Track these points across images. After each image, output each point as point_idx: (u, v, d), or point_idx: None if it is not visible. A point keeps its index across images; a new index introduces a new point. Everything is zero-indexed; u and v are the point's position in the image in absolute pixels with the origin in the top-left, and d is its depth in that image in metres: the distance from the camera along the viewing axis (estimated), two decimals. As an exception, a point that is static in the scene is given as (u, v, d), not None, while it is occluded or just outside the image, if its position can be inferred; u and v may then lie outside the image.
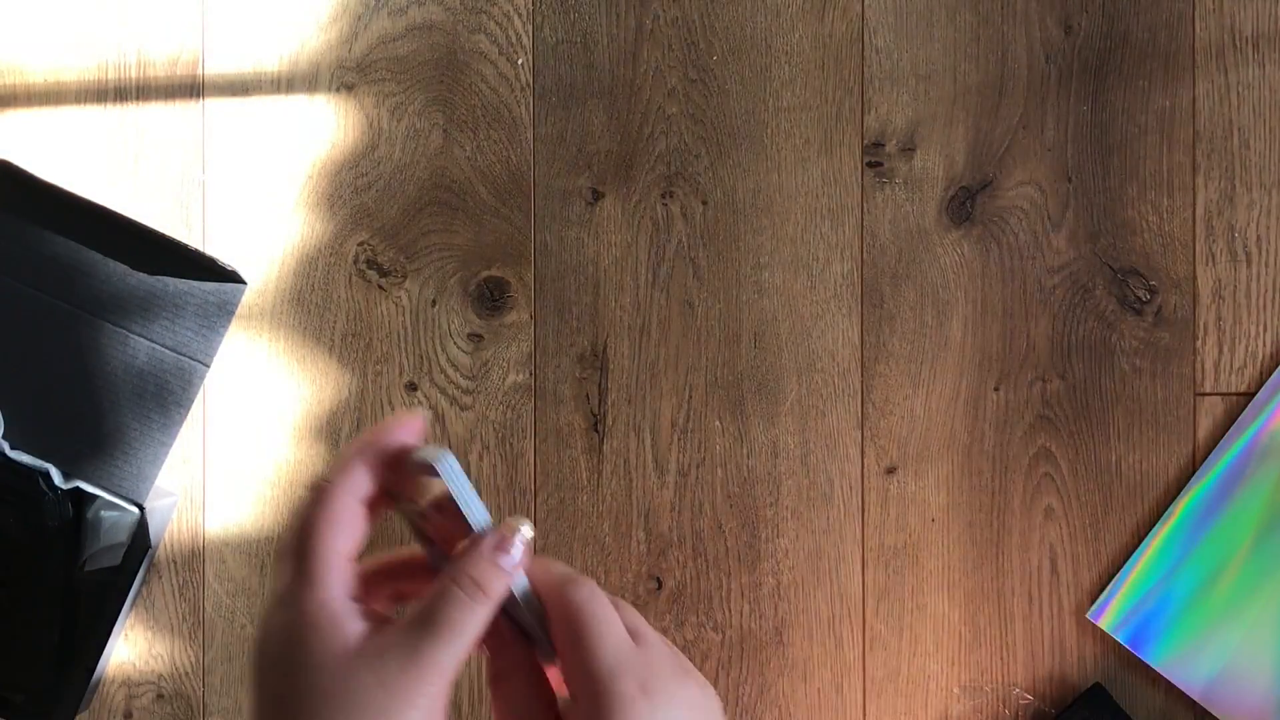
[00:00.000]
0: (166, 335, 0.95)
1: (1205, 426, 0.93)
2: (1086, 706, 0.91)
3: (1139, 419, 0.94)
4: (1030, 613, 0.94)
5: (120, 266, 0.95)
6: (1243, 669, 0.91)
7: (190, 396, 0.95)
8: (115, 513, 0.93)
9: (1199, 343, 0.94)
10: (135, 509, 0.92)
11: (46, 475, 0.91)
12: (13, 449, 0.91)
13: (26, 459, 0.90)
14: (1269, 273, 0.93)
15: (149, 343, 0.95)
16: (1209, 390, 0.93)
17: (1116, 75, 0.95)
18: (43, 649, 0.92)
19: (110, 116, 0.98)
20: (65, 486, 0.91)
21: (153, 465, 0.94)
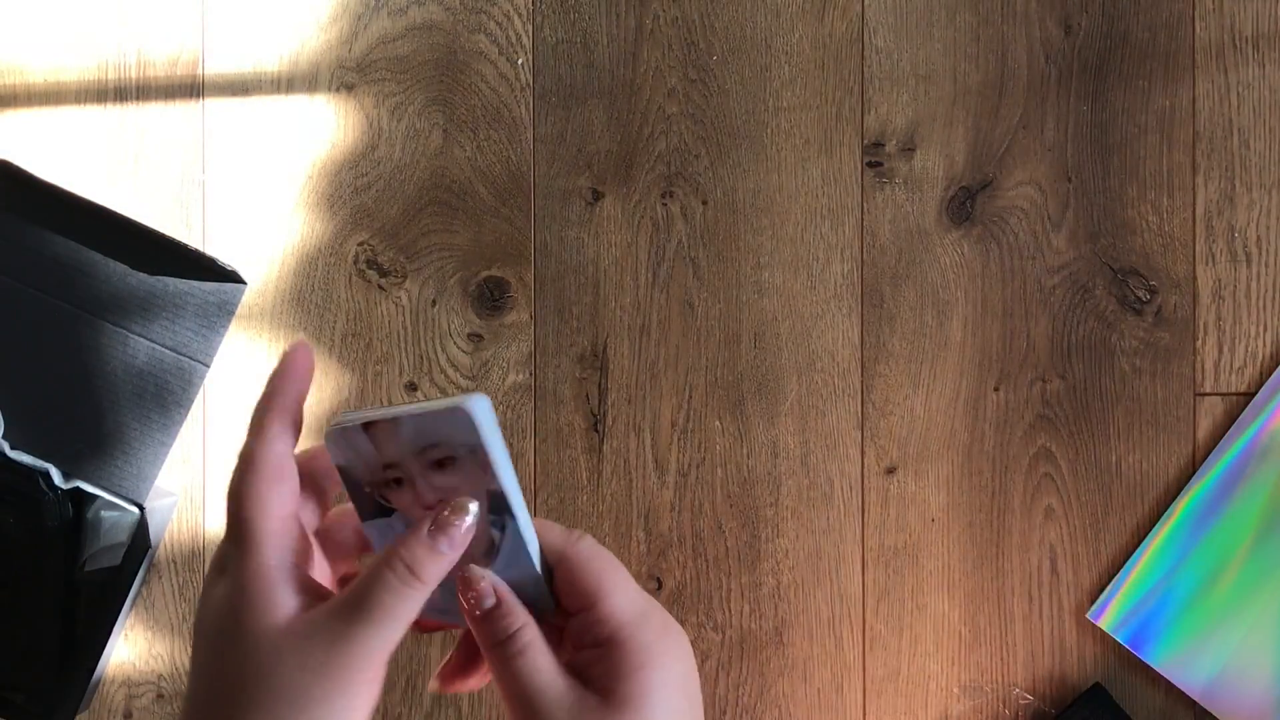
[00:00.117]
0: (166, 335, 0.95)
1: (1205, 426, 0.93)
2: (1086, 706, 0.91)
3: (1139, 419, 0.94)
4: (1030, 613, 0.94)
5: (120, 266, 0.95)
6: (1243, 669, 0.91)
7: (190, 396, 0.95)
8: (115, 513, 0.93)
9: (1199, 343, 0.94)
10: (135, 509, 0.92)
11: (46, 475, 0.91)
12: (13, 449, 0.91)
13: (26, 459, 0.90)
14: (1269, 273, 0.93)
15: (149, 343, 0.95)
16: (1209, 390, 0.93)
17: (1116, 75, 0.95)
18: (43, 649, 0.92)
19: (110, 116, 0.98)
20: (65, 486, 0.91)
21: (153, 465, 0.94)
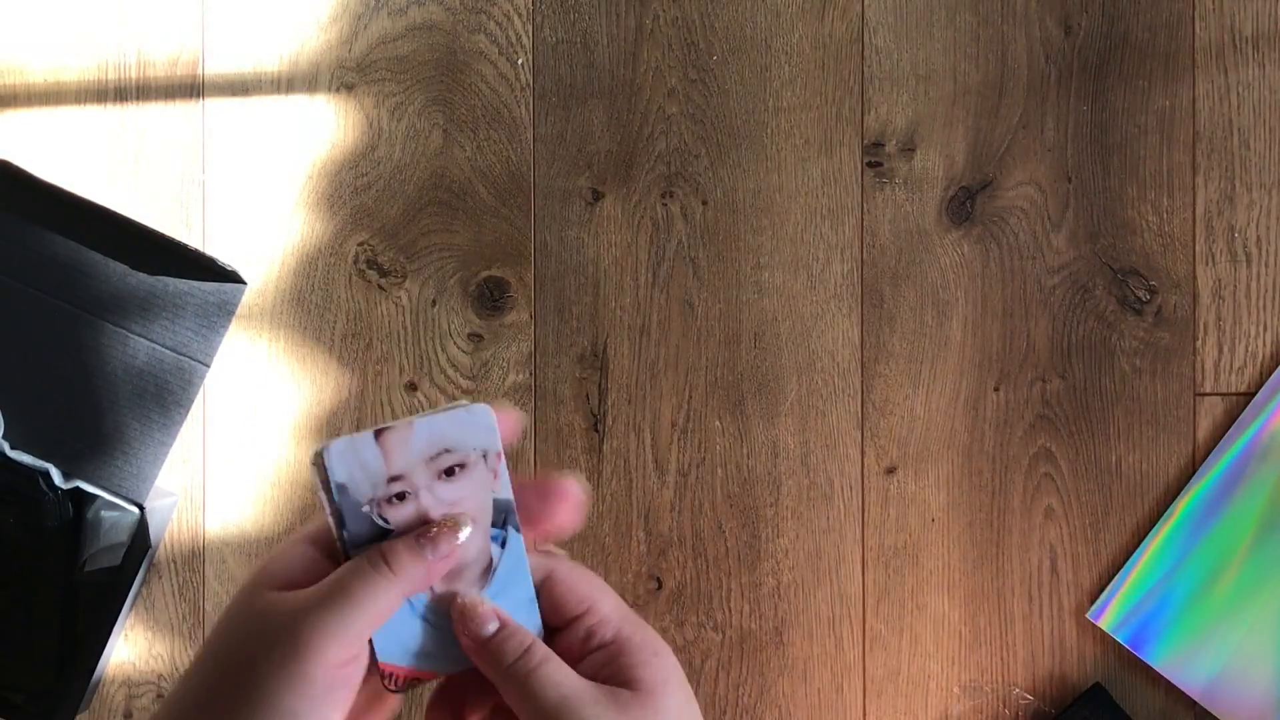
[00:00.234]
0: (166, 335, 0.95)
1: (1205, 426, 0.93)
2: (1086, 706, 0.91)
3: (1139, 419, 0.94)
4: (1030, 613, 0.94)
5: (120, 266, 0.95)
6: (1243, 669, 0.91)
7: (190, 396, 0.95)
8: (115, 513, 0.93)
9: (1199, 343, 0.94)
10: (135, 509, 0.92)
11: (46, 475, 0.91)
12: (13, 449, 0.91)
13: (26, 459, 0.90)
14: (1269, 273, 0.93)
15: (149, 343, 0.95)
16: (1209, 390, 0.93)
17: (1116, 75, 0.95)
18: (43, 649, 0.92)
19: (110, 116, 0.98)
20: (65, 486, 0.91)
21: (153, 465, 0.94)
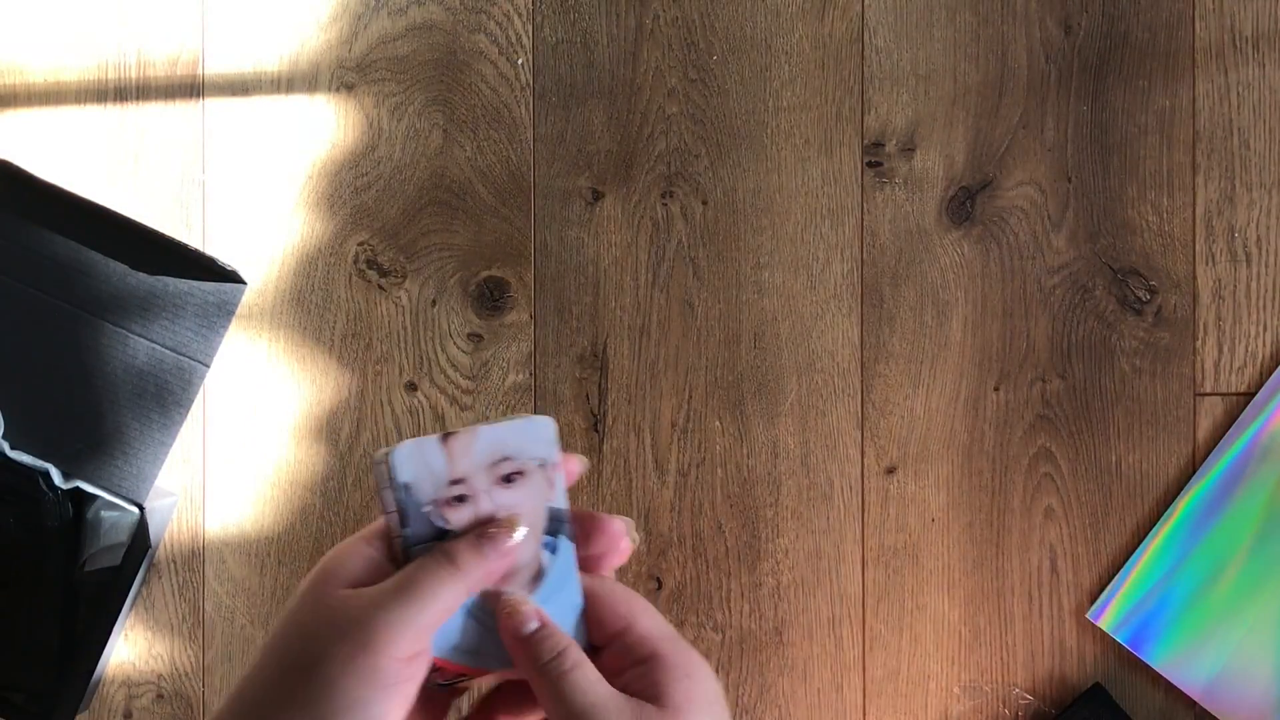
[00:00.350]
0: (166, 335, 0.95)
1: (1205, 426, 0.93)
2: (1086, 706, 0.91)
3: (1139, 419, 0.94)
4: (1030, 613, 0.94)
5: (120, 266, 0.95)
6: (1243, 669, 0.91)
7: (190, 396, 0.95)
8: (115, 513, 0.93)
9: (1199, 343, 0.94)
10: (135, 509, 0.92)
11: (46, 475, 0.91)
12: (13, 449, 0.91)
13: (26, 459, 0.90)
14: (1269, 273, 0.93)
15: (149, 343, 0.95)
16: (1209, 390, 0.93)
17: (1116, 75, 0.95)
18: (43, 649, 0.92)
19: (110, 116, 0.98)
20: (65, 486, 0.91)
21: (153, 465, 0.94)
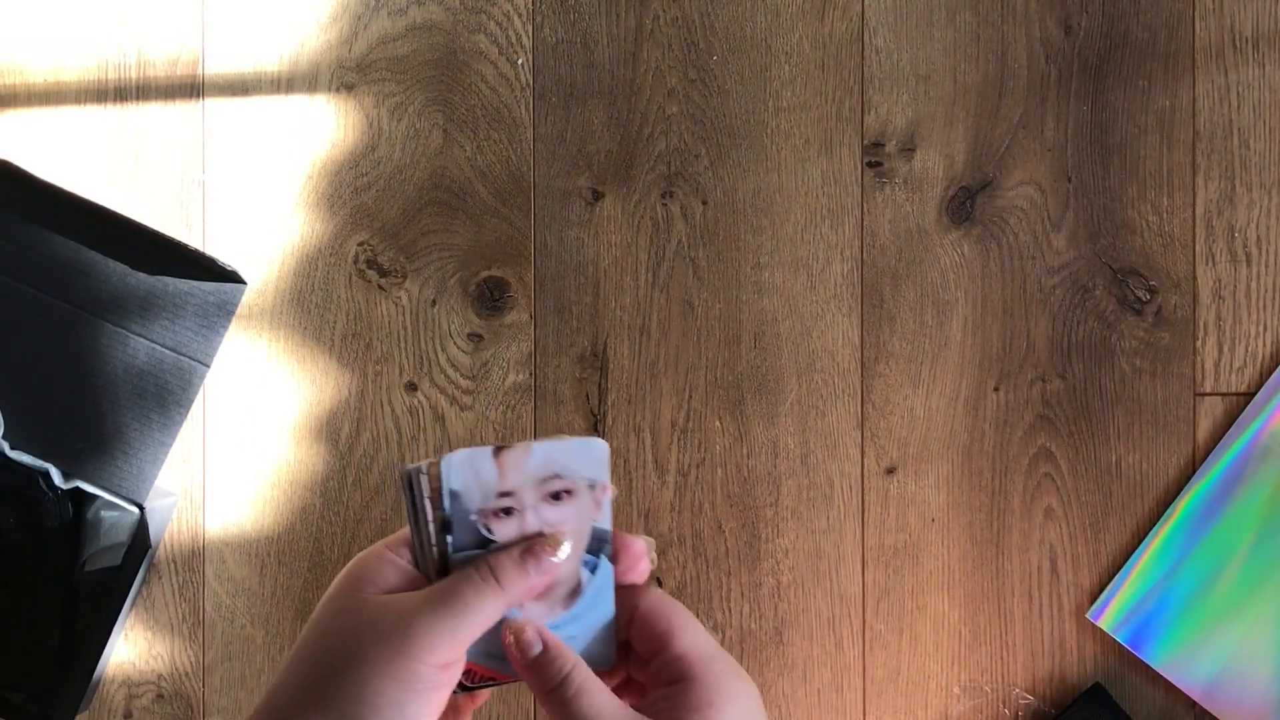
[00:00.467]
0: (166, 335, 0.95)
1: (1205, 426, 0.93)
2: (1086, 706, 0.91)
3: (1139, 419, 0.94)
4: (1030, 613, 0.94)
5: (120, 266, 0.95)
6: (1243, 669, 0.91)
7: (190, 396, 0.95)
8: (115, 513, 0.93)
9: (1199, 343, 0.94)
10: (135, 509, 0.92)
11: (46, 475, 0.91)
12: (13, 449, 0.91)
13: (26, 459, 0.90)
14: (1269, 273, 0.93)
15: (149, 343, 0.95)
16: (1209, 390, 0.93)
17: (1116, 75, 0.95)
18: (43, 649, 0.92)
19: (110, 116, 0.98)
20: (65, 486, 0.91)
21: (153, 465, 0.94)
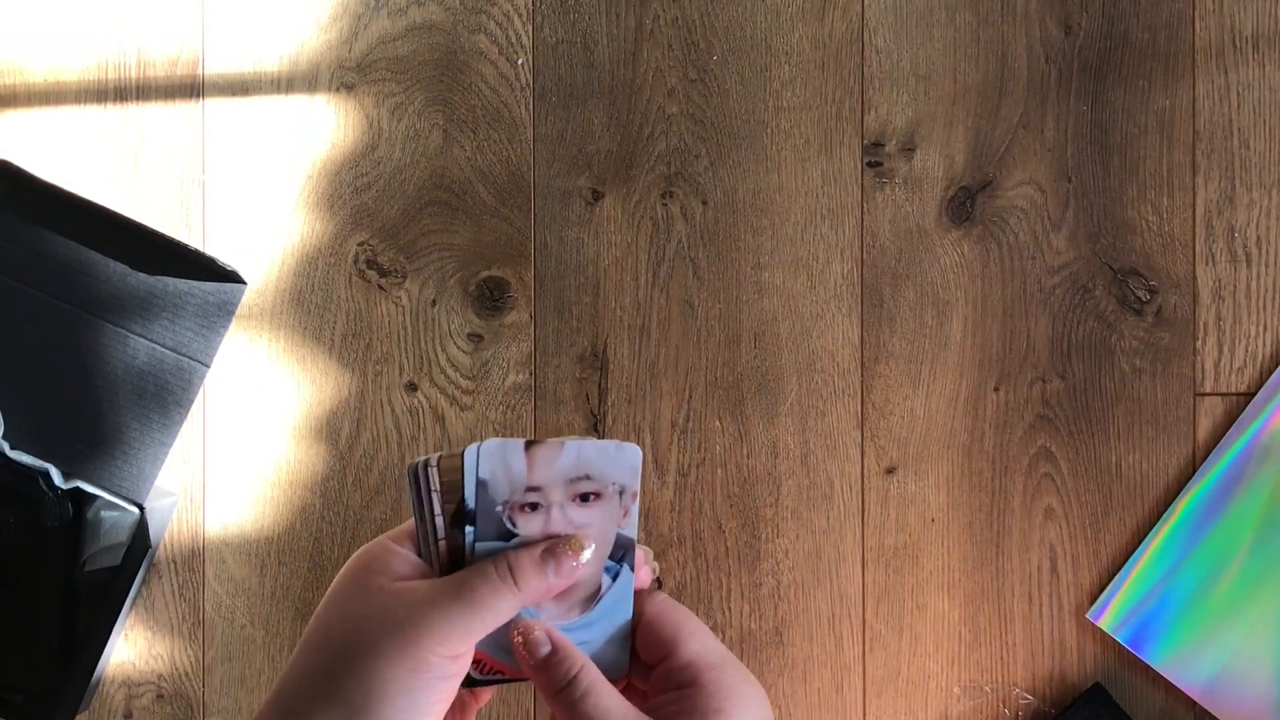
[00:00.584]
0: (166, 335, 0.95)
1: (1205, 426, 0.93)
2: (1086, 706, 0.91)
3: (1139, 419, 0.94)
4: (1030, 613, 0.94)
5: (120, 266, 0.95)
6: (1243, 669, 0.91)
7: (190, 396, 0.95)
8: (115, 513, 0.93)
9: (1199, 343, 0.94)
10: (135, 509, 0.92)
11: (46, 475, 0.91)
12: (13, 449, 0.91)
13: (26, 459, 0.90)
14: (1269, 273, 0.93)
15: (149, 343, 0.95)
16: (1209, 390, 0.93)
17: (1116, 75, 0.95)
18: (43, 649, 0.92)
19: (110, 116, 0.98)
20: (65, 486, 0.91)
21: (153, 465, 0.94)
